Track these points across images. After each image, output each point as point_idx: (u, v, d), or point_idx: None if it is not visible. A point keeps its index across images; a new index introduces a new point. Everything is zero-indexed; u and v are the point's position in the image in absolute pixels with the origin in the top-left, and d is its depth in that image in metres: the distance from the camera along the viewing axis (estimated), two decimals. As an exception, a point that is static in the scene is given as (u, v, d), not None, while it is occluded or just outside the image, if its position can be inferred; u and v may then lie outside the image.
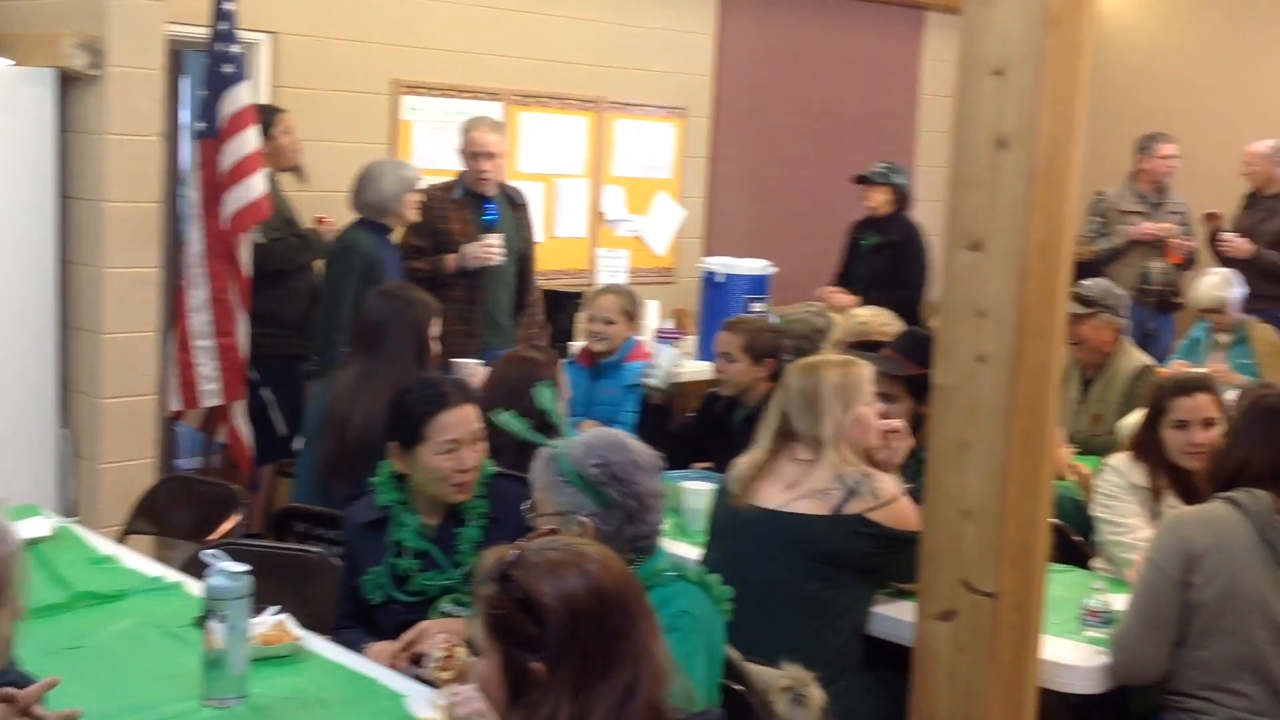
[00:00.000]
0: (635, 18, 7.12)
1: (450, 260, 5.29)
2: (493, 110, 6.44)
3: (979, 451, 2.60)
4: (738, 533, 3.13)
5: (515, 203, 5.59)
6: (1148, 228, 7.15)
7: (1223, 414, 3.46)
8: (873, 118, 8.25)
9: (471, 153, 5.41)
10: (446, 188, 5.50)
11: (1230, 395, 3.78)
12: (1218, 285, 6.18)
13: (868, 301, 5.74)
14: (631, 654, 1.81)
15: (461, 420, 2.98)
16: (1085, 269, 6.98)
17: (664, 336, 6.40)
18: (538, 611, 1.80)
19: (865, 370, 3.24)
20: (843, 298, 6.25)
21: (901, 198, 6.63)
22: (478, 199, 5.43)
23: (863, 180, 6.63)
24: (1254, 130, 7.52)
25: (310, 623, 2.85)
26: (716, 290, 6.54)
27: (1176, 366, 5.78)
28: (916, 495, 2.96)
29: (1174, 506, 3.41)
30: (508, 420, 2.67)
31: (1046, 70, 2.46)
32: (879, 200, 6.60)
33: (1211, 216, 7.12)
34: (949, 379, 2.64)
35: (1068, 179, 2.57)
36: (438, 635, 2.69)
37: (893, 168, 6.68)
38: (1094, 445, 4.80)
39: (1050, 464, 2.69)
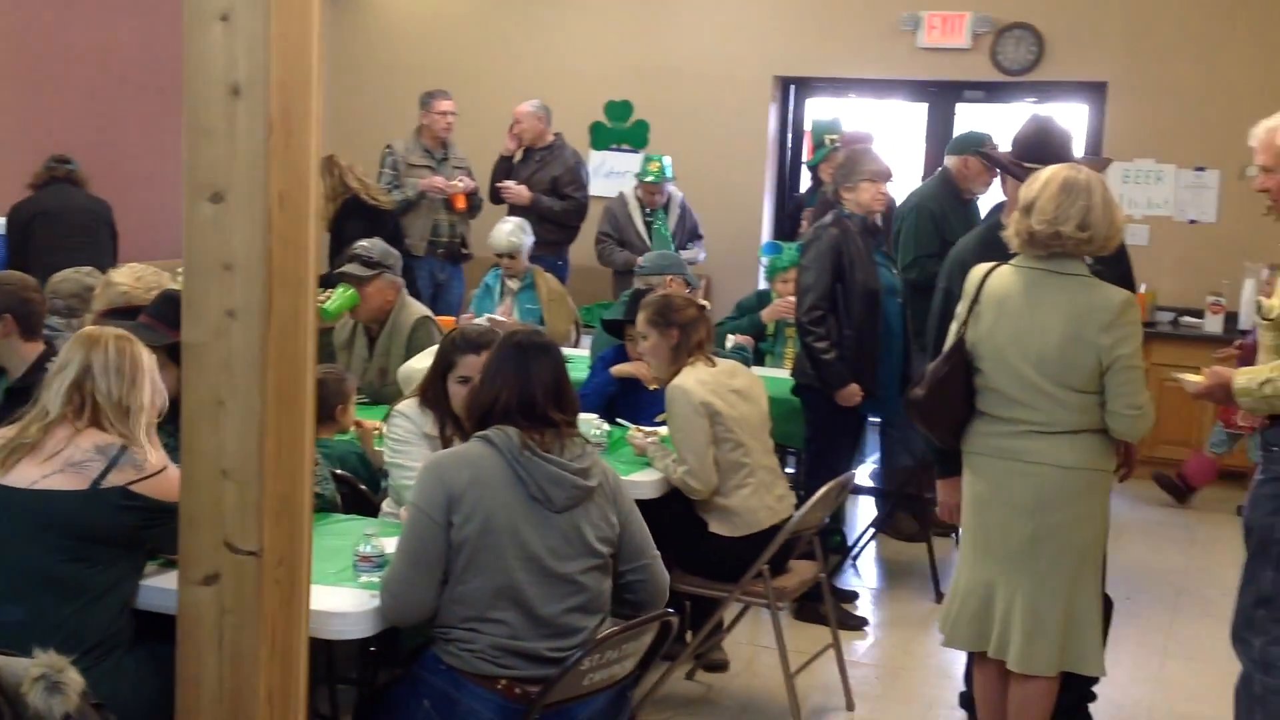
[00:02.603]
0: None
1: None
2: None
3: (234, 409, 2.54)
4: (-14, 519, 2.85)
5: None
6: (437, 182, 7.43)
7: None
8: (148, 65, 7.83)
9: None
10: None
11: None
12: (513, 232, 6.58)
13: None
14: None
15: None
16: (386, 219, 7.17)
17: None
18: None
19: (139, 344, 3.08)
20: None
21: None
22: None
23: None
24: (524, 90, 8.05)
25: None
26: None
27: (467, 317, 6.10)
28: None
29: (460, 450, 3.54)
30: None
31: (275, 18, 2.42)
32: None
33: (504, 159, 7.52)
34: (199, 336, 2.55)
35: (307, 130, 2.55)
36: None
37: None
38: (382, 396, 4.96)
39: (310, 417, 2.68)
